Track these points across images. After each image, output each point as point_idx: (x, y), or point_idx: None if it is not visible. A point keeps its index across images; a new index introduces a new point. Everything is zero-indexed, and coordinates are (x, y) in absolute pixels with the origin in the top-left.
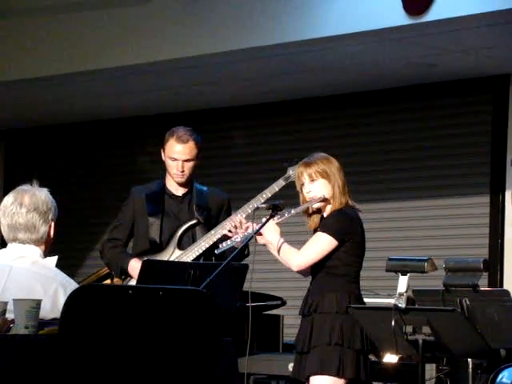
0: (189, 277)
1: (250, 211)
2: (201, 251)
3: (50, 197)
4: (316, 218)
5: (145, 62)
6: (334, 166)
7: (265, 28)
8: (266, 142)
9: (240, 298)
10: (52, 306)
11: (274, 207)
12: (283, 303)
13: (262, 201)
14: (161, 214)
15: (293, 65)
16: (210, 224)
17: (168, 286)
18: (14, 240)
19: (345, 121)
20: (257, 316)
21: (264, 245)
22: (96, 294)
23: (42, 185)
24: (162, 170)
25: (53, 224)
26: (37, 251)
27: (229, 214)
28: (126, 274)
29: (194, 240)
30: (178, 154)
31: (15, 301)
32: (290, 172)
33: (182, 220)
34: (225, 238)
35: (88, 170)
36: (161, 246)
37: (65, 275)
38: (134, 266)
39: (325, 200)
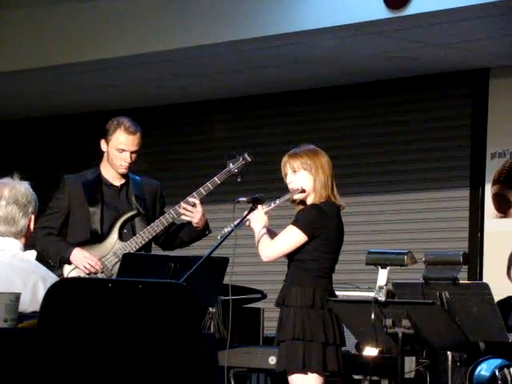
0: (169, 270)
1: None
2: (144, 242)
3: (31, 190)
4: (299, 208)
5: (125, 54)
6: (319, 160)
7: (245, 22)
8: (247, 136)
9: (220, 291)
10: (31, 300)
11: (254, 200)
12: (263, 296)
13: (204, 193)
14: (101, 204)
15: (272, 58)
16: (147, 214)
17: (147, 280)
18: None
19: (324, 114)
20: (237, 309)
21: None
22: (75, 287)
23: (21, 178)
24: (95, 158)
25: (33, 217)
26: (17, 244)
27: (163, 202)
28: (66, 263)
29: (133, 231)
30: (127, 145)
31: None
32: (231, 165)
33: (119, 210)
34: (168, 228)
35: (68, 163)
36: (102, 237)
37: (45, 268)
38: (77, 256)
39: (304, 191)
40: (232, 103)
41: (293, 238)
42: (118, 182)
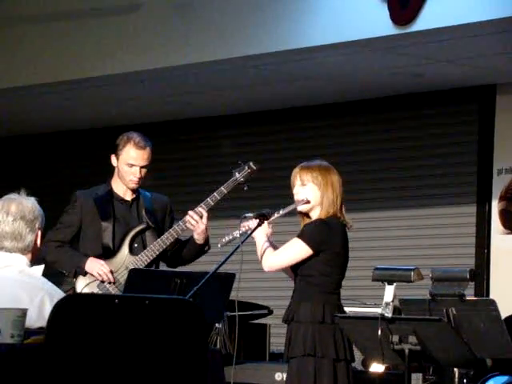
0: (175, 286)
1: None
2: (154, 255)
3: (37, 205)
4: (304, 222)
5: (132, 71)
6: (331, 178)
7: (252, 37)
8: (253, 152)
9: (227, 306)
10: (38, 315)
11: (261, 216)
12: (270, 312)
13: (212, 203)
14: (112, 219)
15: (280, 74)
16: (158, 228)
17: (154, 296)
18: (1, 248)
19: (329, 130)
20: (243, 325)
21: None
22: (82, 302)
23: (27, 194)
24: (104, 173)
25: (40, 233)
26: (23, 260)
27: (172, 217)
28: (81, 273)
29: (144, 245)
30: (137, 160)
31: (1, 310)
32: (237, 175)
33: (130, 225)
34: (177, 242)
35: (75, 179)
36: (113, 251)
37: (51, 284)
38: (92, 266)
39: (308, 203)
40: (238, 119)
41: (297, 250)
42: (128, 196)
